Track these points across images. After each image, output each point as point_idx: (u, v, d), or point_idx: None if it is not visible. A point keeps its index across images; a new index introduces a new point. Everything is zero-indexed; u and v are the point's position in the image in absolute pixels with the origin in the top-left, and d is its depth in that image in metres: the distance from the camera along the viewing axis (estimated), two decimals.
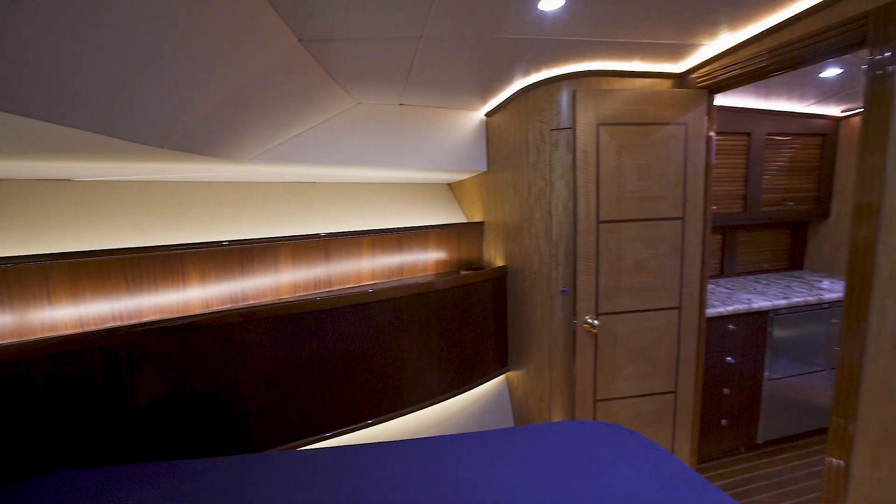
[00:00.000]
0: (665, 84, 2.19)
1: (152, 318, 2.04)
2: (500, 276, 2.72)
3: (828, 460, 1.55)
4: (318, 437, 2.14)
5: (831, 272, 3.29)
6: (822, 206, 3.27)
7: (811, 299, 2.69)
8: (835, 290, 2.82)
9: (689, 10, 1.55)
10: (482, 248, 3.18)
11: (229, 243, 2.26)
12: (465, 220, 3.32)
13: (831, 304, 2.73)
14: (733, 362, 2.60)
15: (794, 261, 3.49)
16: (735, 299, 2.70)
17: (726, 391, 2.62)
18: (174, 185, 2.37)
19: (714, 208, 2.95)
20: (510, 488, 1.27)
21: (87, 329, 1.85)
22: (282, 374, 2.01)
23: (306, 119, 2.19)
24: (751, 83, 1.96)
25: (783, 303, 2.63)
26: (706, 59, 2.02)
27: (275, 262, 2.46)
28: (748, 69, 1.84)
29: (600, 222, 2.11)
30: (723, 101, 2.77)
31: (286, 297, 2.50)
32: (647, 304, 2.20)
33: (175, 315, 2.07)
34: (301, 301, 2.06)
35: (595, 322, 2.14)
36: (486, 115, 2.76)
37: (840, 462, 1.50)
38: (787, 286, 2.99)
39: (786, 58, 1.67)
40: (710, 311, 2.48)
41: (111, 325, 1.92)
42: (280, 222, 2.61)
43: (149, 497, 1.33)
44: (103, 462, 1.64)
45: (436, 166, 2.69)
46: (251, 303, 2.36)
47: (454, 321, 2.54)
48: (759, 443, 2.76)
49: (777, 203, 3.18)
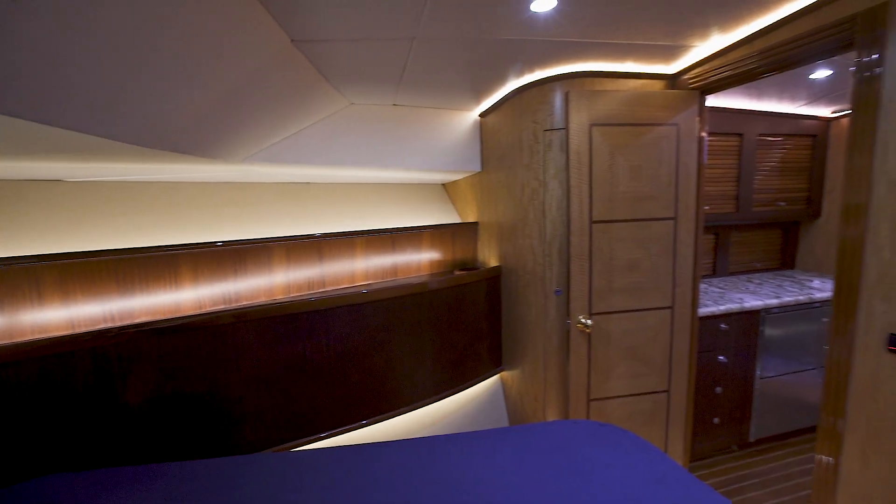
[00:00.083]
0: (657, 85, 2.21)
1: (144, 319, 2.03)
2: (495, 276, 2.72)
3: (818, 457, 1.56)
4: (313, 437, 2.14)
5: (822, 272, 3.32)
6: (813, 206, 3.30)
7: (802, 298, 2.72)
8: (825, 289, 2.85)
9: (680, 11, 1.56)
10: (476, 249, 3.18)
11: (222, 244, 2.25)
12: (460, 221, 3.32)
13: (822, 303, 2.76)
14: (726, 361, 2.62)
15: (785, 260, 3.52)
16: (727, 299, 2.72)
17: (719, 390, 2.64)
18: (166, 186, 2.36)
19: (707, 208, 2.97)
20: (502, 488, 1.28)
21: (78, 331, 1.84)
22: (275, 374, 2.01)
23: (299, 119, 2.19)
24: (742, 84, 1.97)
25: (774, 302, 2.66)
26: (698, 60, 2.03)
27: (268, 262, 2.45)
28: (739, 71, 1.85)
29: (593, 222, 2.12)
30: (715, 101, 2.78)
31: (280, 297, 2.49)
32: (640, 303, 2.21)
33: (167, 316, 2.06)
34: (295, 302, 2.06)
35: (588, 322, 2.15)
36: (480, 115, 2.77)
37: (829, 459, 1.52)
38: (779, 285, 3.01)
39: (775, 59, 1.68)
40: (703, 311, 2.50)
41: (102, 326, 1.91)
42: (274, 223, 2.60)
43: (142, 499, 1.32)
44: (95, 465, 1.63)
45: (430, 167, 2.70)
46: (244, 303, 2.35)
47: (448, 321, 2.54)
48: (752, 441, 2.78)
49: (769, 203, 3.21)
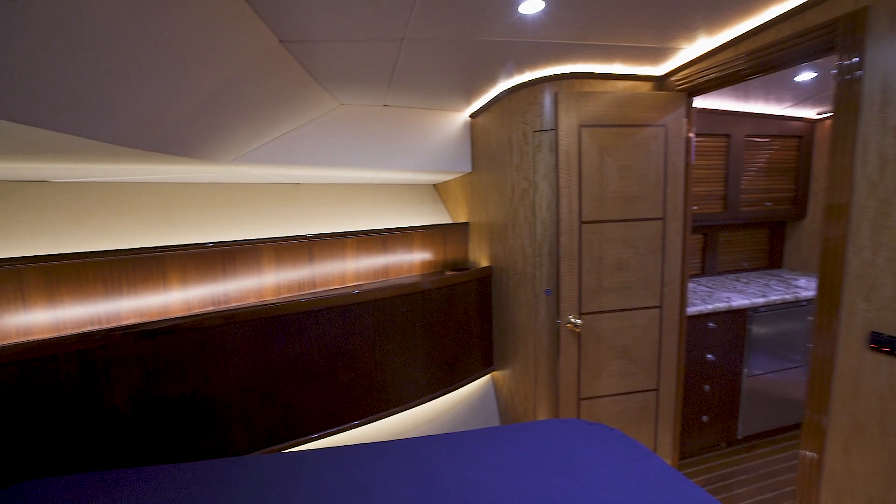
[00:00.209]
0: (645, 86, 2.23)
1: (131, 321, 2.01)
2: (485, 276, 2.73)
3: (802, 453, 1.59)
4: (304, 439, 2.13)
5: (808, 271, 3.37)
6: (798, 206, 3.35)
7: (788, 297, 2.76)
8: (811, 288, 2.89)
9: (667, 14, 1.58)
10: (467, 249, 3.19)
11: (211, 245, 2.24)
12: (451, 221, 3.33)
13: (808, 301, 2.80)
14: (714, 359, 2.65)
15: (773, 260, 3.57)
16: (715, 298, 2.75)
17: (707, 388, 2.67)
18: (154, 186, 2.34)
19: (695, 208, 3.00)
20: (489, 488, 1.28)
21: (64, 333, 1.81)
22: (265, 376, 2.00)
23: (289, 120, 2.18)
24: (728, 86, 1.99)
25: (761, 301, 2.69)
26: (685, 62, 2.06)
27: (258, 263, 2.43)
28: (725, 72, 1.88)
29: (583, 223, 2.14)
30: (703, 103, 2.82)
31: (270, 299, 2.48)
32: (629, 303, 2.23)
33: (155, 318, 2.04)
34: (284, 303, 2.05)
35: (578, 321, 2.16)
36: (470, 116, 2.77)
37: (813, 455, 1.55)
38: (766, 284, 3.05)
39: (760, 62, 1.71)
40: (691, 310, 2.52)
41: (88, 328, 1.89)
42: (263, 224, 2.59)
43: (128, 503, 1.31)
44: (81, 468, 1.61)
45: (420, 167, 2.70)
46: (233, 305, 2.34)
47: (439, 321, 2.54)
48: (739, 438, 2.82)
49: (756, 203, 3.25)
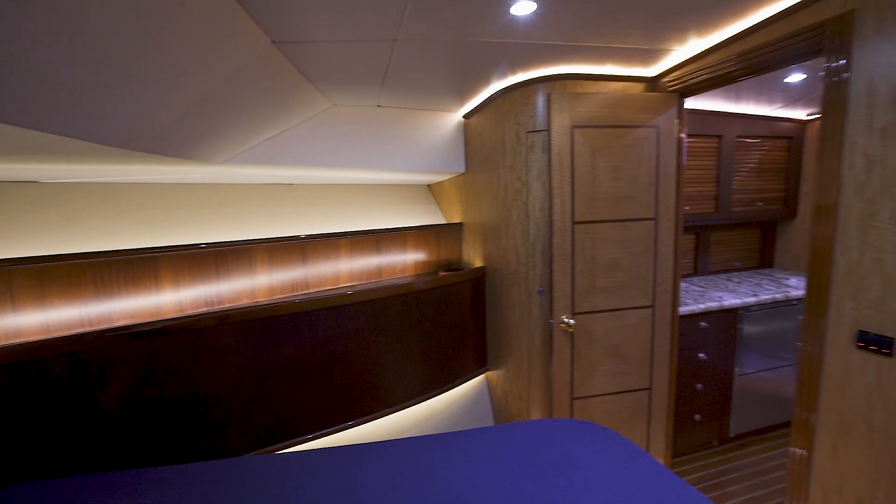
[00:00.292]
0: (637, 88, 2.25)
1: (123, 323, 2.00)
2: (479, 276, 2.74)
3: (791, 450, 1.61)
4: (298, 440, 2.13)
5: (799, 270, 3.41)
6: (789, 206, 3.38)
7: (779, 296, 2.78)
8: (801, 287, 2.92)
9: (658, 15, 1.59)
10: (461, 249, 3.20)
11: (204, 246, 2.23)
12: (445, 222, 3.33)
13: (798, 300, 2.83)
14: (706, 358, 2.67)
15: (764, 259, 3.60)
16: (707, 297, 2.77)
17: (699, 387, 2.69)
18: (146, 187, 2.32)
19: (687, 209, 3.02)
20: (482, 487, 1.29)
21: (55, 335, 1.80)
22: (259, 377, 1.99)
23: (282, 121, 2.18)
24: (719, 87, 2.01)
25: (752, 300, 2.72)
26: (676, 63, 2.07)
27: (251, 264, 2.43)
28: (716, 74, 1.89)
29: (575, 223, 2.15)
30: (695, 104, 2.84)
31: (263, 299, 2.47)
32: (622, 302, 2.24)
33: (147, 320, 2.03)
34: (277, 304, 2.04)
35: (571, 321, 2.17)
36: (463, 116, 2.78)
37: (803, 452, 1.56)
38: (757, 284, 3.08)
39: (751, 63, 1.73)
40: (683, 309, 2.54)
41: (79, 330, 1.87)
42: (257, 224, 2.58)
43: None
44: (72, 471, 1.60)
45: (414, 168, 2.70)
46: (226, 306, 2.33)
47: (433, 322, 2.55)
48: (732, 436, 2.84)
49: (747, 203, 3.28)
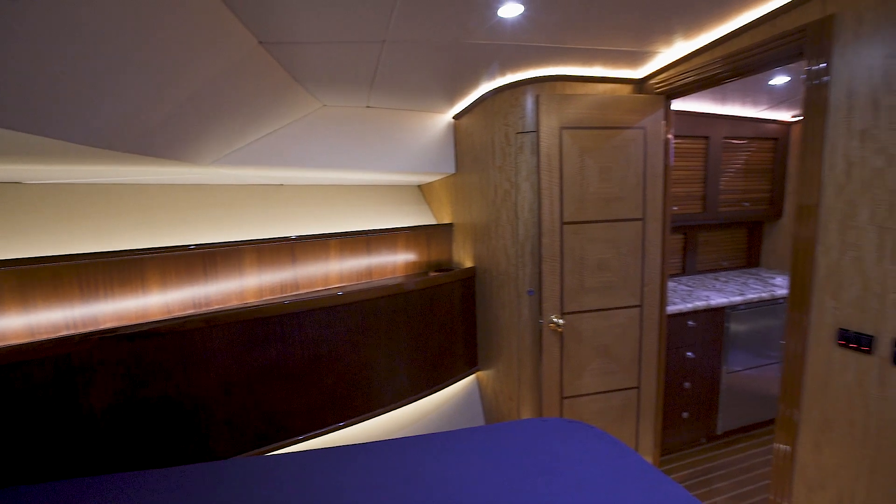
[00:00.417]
0: (625, 89, 2.27)
1: (109, 325, 1.98)
2: (469, 277, 2.75)
3: (776, 447, 1.63)
4: (289, 441, 2.12)
5: (785, 269, 3.46)
6: (775, 206, 3.43)
7: (765, 295, 2.83)
8: (787, 286, 2.96)
9: (645, 18, 1.61)
10: (452, 250, 3.20)
11: (192, 247, 2.21)
12: (435, 222, 3.34)
13: (783, 299, 2.87)
14: (693, 357, 2.70)
15: (751, 258, 3.65)
16: (695, 296, 2.80)
17: (687, 385, 2.72)
18: (134, 188, 2.30)
19: (675, 209, 3.06)
20: (471, 487, 1.29)
21: (39, 338, 1.78)
22: (248, 379, 1.98)
23: (270, 121, 2.17)
24: (705, 89, 2.03)
25: (739, 299, 2.75)
26: (663, 65, 2.10)
27: (239, 265, 2.41)
28: (702, 76, 1.92)
29: (564, 223, 2.16)
30: (682, 105, 2.87)
31: (252, 301, 2.46)
32: (610, 302, 2.26)
33: (134, 322, 2.01)
34: (266, 305, 2.03)
35: (560, 321, 2.19)
36: (453, 117, 2.78)
37: (787, 448, 1.59)
38: (744, 283, 3.12)
39: (736, 66, 1.75)
40: (671, 309, 2.57)
41: (65, 333, 1.85)
42: (246, 225, 2.56)
43: None
44: (58, 476, 1.58)
45: (404, 168, 2.70)
46: (215, 308, 2.31)
47: (424, 322, 2.55)
48: (719, 433, 2.88)
49: (734, 204, 3.32)
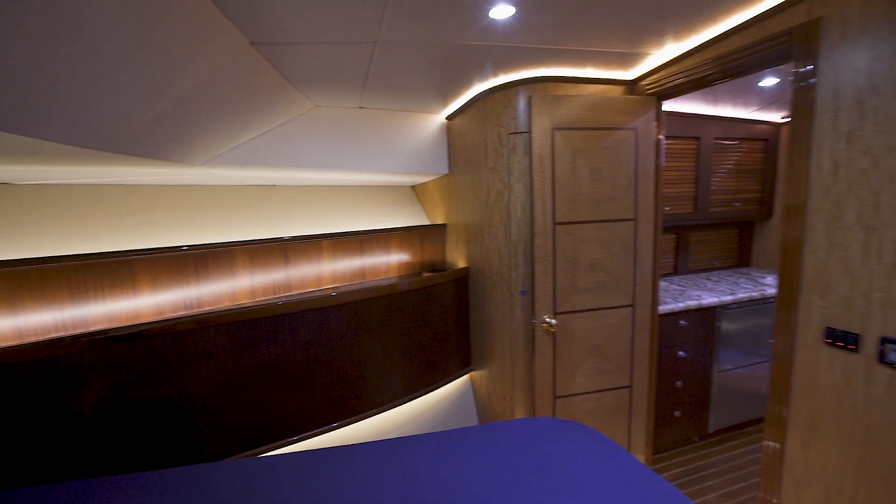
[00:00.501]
0: (617, 90, 2.28)
1: (99, 327, 1.96)
2: (462, 277, 2.75)
3: (765, 444, 1.65)
4: (282, 442, 2.11)
5: (775, 269, 3.48)
6: (765, 206, 3.46)
7: (755, 295, 2.85)
8: (776, 285, 2.99)
9: (635, 20, 1.62)
10: (445, 250, 3.21)
11: (185, 248, 2.20)
12: (428, 223, 3.34)
13: (774, 298, 2.89)
14: (685, 356, 2.73)
15: (742, 258, 3.69)
16: (686, 296, 2.83)
17: (679, 384, 2.74)
18: (125, 189, 2.28)
19: (667, 209, 3.08)
20: (462, 487, 1.30)
21: (28, 340, 1.76)
22: (241, 380, 1.97)
23: (263, 122, 2.16)
24: (695, 91, 2.05)
25: (729, 298, 2.78)
26: (654, 67, 2.11)
27: (232, 266, 2.40)
28: (692, 78, 1.94)
29: (556, 224, 2.17)
30: (674, 106, 2.89)
31: (244, 302, 2.45)
32: (603, 302, 2.28)
33: (125, 324, 2.00)
34: (258, 306, 2.03)
35: (553, 321, 2.20)
36: (447, 118, 2.79)
37: (776, 445, 1.61)
38: (735, 283, 3.15)
39: (725, 67, 1.77)
40: (663, 308, 2.59)
41: (54, 335, 1.83)
42: (238, 226, 2.55)
43: None
44: (51, 479, 1.56)
45: (397, 169, 2.70)
46: (206, 309, 2.30)
47: (417, 323, 2.55)
48: (711, 431, 2.90)
49: (726, 204, 3.35)
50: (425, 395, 2.64)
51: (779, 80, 2.48)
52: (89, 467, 1.66)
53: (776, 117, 3.31)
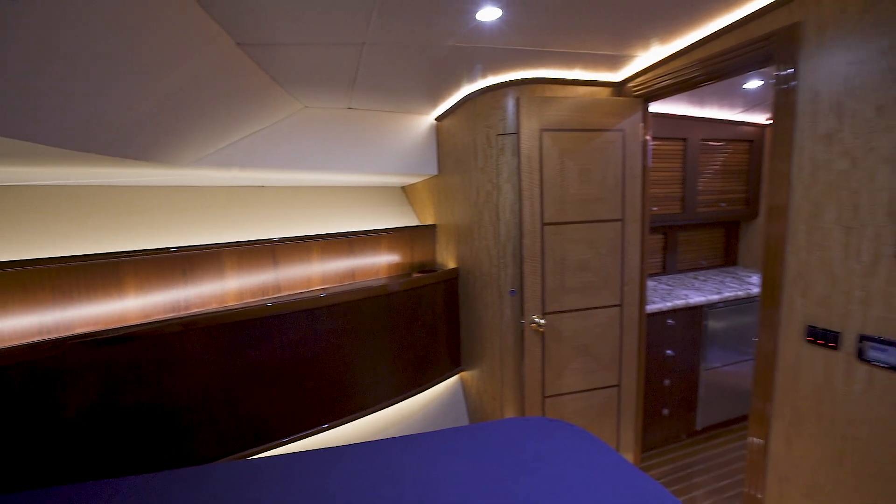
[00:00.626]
0: (604, 92, 2.30)
1: (84, 330, 1.94)
2: (452, 277, 2.76)
3: (750, 440, 1.68)
4: (271, 444, 2.10)
5: (760, 268, 3.54)
6: (751, 206, 3.51)
7: (741, 294, 2.90)
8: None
9: (620, 22, 1.64)
10: (435, 251, 3.21)
11: (175, 250, 2.17)
12: (418, 223, 3.34)
13: (759, 297, 2.94)
14: (673, 355, 2.76)
15: (728, 257, 3.74)
16: (674, 295, 2.86)
17: (667, 382, 2.77)
18: (111, 190, 2.25)
19: (655, 209, 3.11)
20: (450, 487, 1.30)
21: (9, 344, 1.73)
22: (229, 382, 1.96)
23: (251, 122, 2.15)
24: (681, 92, 2.08)
25: (716, 297, 2.82)
26: (641, 69, 2.13)
27: (220, 268, 2.38)
28: (678, 80, 1.96)
29: (545, 224, 2.19)
30: (661, 108, 2.92)
31: (232, 304, 2.43)
32: (591, 302, 2.30)
33: (110, 326, 1.97)
34: (246, 308, 2.01)
35: (542, 321, 2.21)
36: (436, 119, 2.79)
37: (760, 441, 1.63)
38: (721, 282, 3.20)
39: (710, 70, 1.79)
40: (651, 308, 2.61)
41: (36, 339, 1.81)
42: (226, 227, 2.53)
43: None
44: (36, 485, 1.54)
45: (386, 170, 2.70)
46: (194, 311, 2.28)
47: (407, 323, 2.55)
48: (698, 429, 2.94)
49: (712, 204, 3.39)
50: (416, 395, 2.64)
51: (763, 82, 2.52)
52: (76, 472, 1.63)
53: (761, 119, 3.36)
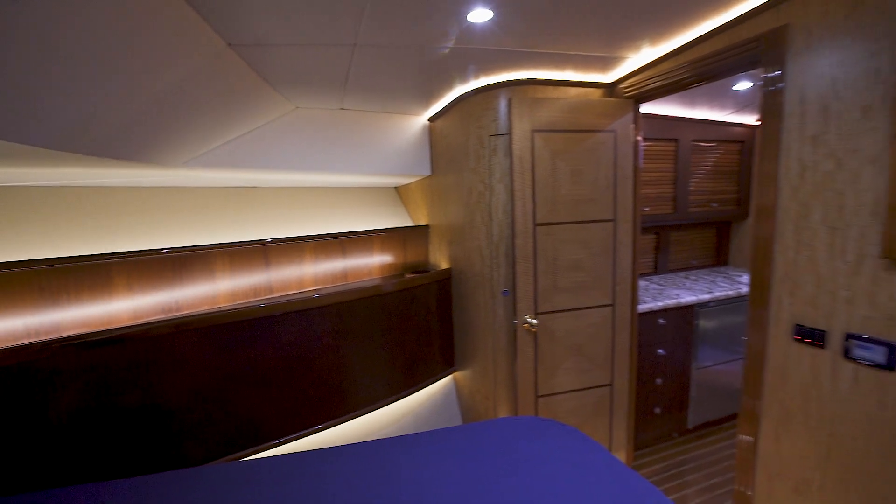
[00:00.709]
0: (596, 93, 2.32)
1: (74, 332, 1.92)
2: (445, 278, 2.76)
3: (739, 438, 1.70)
4: (264, 446, 2.09)
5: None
6: (742, 207, 3.55)
7: (731, 293, 2.92)
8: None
9: (610, 24, 1.65)
10: (428, 251, 3.21)
11: (164, 251, 2.16)
12: (411, 224, 3.34)
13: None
14: (664, 354, 2.78)
15: (720, 257, 3.77)
16: (665, 295, 2.88)
17: (659, 381, 2.79)
18: (101, 191, 2.23)
19: (647, 210, 3.13)
20: (442, 487, 1.31)
21: None
22: (221, 384, 1.95)
23: (242, 123, 2.14)
24: (672, 94, 2.10)
25: (707, 297, 2.84)
26: (632, 70, 2.15)
27: (211, 269, 2.37)
28: (668, 81, 1.98)
29: (537, 225, 2.20)
30: (652, 109, 2.94)
31: (224, 305, 2.42)
32: (583, 302, 2.31)
33: (100, 328, 1.96)
34: (238, 309, 2.01)
35: (534, 321, 2.22)
36: (428, 119, 2.80)
37: (749, 438, 1.65)
38: (712, 281, 3.22)
39: (700, 72, 1.81)
40: (642, 307, 2.63)
41: (24, 341, 1.79)
42: (218, 228, 2.52)
43: None
44: (27, 489, 1.53)
45: (379, 171, 2.70)
46: (185, 312, 2.27)
47: (400, 324, 2.55)
48: (690, 428, 2.96)
49: (704, 205, 3.42)
50: (409, 395, 2.64)
51: (752, 83, 2.55)
52: (66, 475, 1.62)
53: (751, 120, 3.39)
